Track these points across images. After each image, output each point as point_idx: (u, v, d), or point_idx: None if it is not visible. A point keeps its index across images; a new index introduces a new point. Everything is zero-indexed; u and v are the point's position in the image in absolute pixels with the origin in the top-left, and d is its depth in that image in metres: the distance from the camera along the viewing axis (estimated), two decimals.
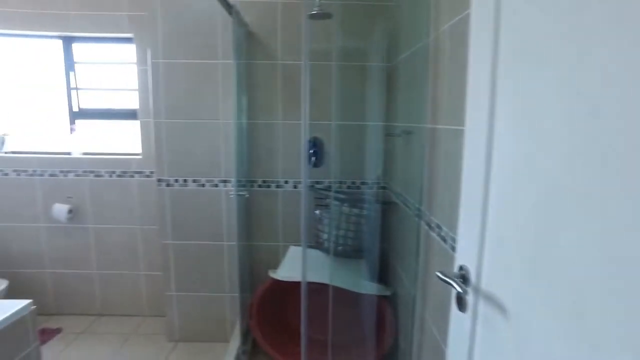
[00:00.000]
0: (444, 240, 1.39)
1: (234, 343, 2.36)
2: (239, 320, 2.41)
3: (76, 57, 2.81)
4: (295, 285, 2.06)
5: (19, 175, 2.82)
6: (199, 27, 2.30)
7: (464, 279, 0.89)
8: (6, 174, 2.82)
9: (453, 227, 1.31)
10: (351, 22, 2.28)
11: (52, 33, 2.71)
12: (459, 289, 0.81)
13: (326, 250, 2.18)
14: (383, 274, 2.30)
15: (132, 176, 2.77)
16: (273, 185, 2.44)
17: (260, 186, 2.44)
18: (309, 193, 2.15)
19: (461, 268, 0.91)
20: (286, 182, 2.43)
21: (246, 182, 2.37)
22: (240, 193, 2.04)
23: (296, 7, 2.28)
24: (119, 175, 2.77)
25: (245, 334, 2.36)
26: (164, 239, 2.50)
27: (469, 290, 0.84)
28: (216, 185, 2.43)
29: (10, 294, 2.84)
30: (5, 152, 2.86)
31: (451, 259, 1.32)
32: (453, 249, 1.30)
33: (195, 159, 2.41)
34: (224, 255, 2.51)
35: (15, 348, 1.91)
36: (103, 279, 2.93)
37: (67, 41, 2.77)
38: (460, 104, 1.25)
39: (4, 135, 2.88)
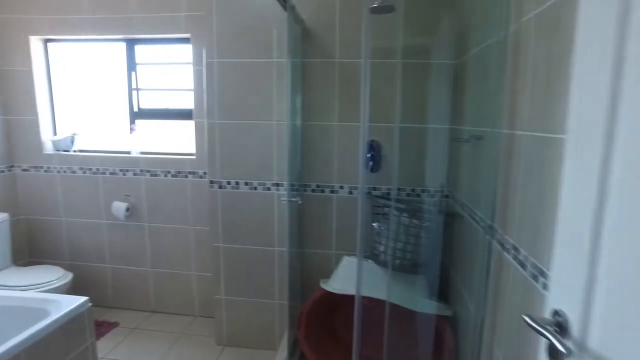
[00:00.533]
0: (522, 265, 1.19)
1: (282, 353, 2.27)
2: (287, 329, 2.32)
3: (137, 58, 2.87)
4: (348, 298, 1.92)
5: (84, 172, 2.93)
6: (253, 26, 2.23)
7: (560, 328, 0.70)
8: (74, 172, 2.94)
9: (535, 252, 1.11)
10: (416, 15, 2.10)
11: (117, 36, 2.78)
12: (561, 348, 0.63)
13: (382, 263, 2.02)
14: (443, 292, 2.09)
15: (186, 176, 2.77)
16: (327, 190, 2.32)
17: (313, 191, 2.33)
18: (366, 200, 2.01)
19: (557, 313, 0.72)
20: (341, 187, 2.30)
21: (299, 186, 2.27)
22: (293, 200, 1.94)
23: (356, 1, 2.14)
24: (173, 175, 2.79)
25: (293, 345, 2.25)
26: (215, 242, 2.46)
27: (571, 346, 0.65)
28: (268, 189, 2.35)
29: (74, 286, 2.96)
30: (74, 151, 2.98)
31: (530, 289, 1.12)
32: (534, 277, 1.10)
33: (247, 161, 2.34)
34: (275, 261, 2.43)
35: (72, 343, 1.94)
36: (157, 277, 2.97)
37: (130, 43, 2.84)
38: (552, 107, 1.04)
39: (74, 134, 3.01)
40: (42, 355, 1.75)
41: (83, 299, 2.00)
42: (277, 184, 2.33)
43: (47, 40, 2.95)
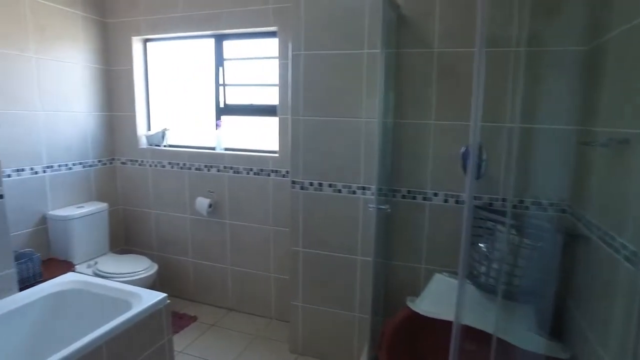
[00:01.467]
0: None
1: None
2: (367, 347, 2.12)
3: (225, 54, 2.86)
4: (438, 322, 1.67)
5: (172, 167, 3.00)
6: (343, 14, 2.06)
7: None
8: (164, 166, 3.03)
9: None
10: None
11: (207, 32, 2.79)
12: None
13: (483, 287, 1.73)
14: (557, 328, 1.74)
15: (268, 175, 2.70)
16: (419, 197, 2.07)
17: (404, 197, 2.10)
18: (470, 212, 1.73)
19: None
20: (435, 194, 2.04)
21: (388, 190, 2.05)
22: (381, 207, 1.73)
23: None
24: (256, 173, 2.73)
25: None
26: (295, 245, 2.34)
27: None
28: (354, 192, 2.17)
29: (159, 276, 3.05)
30: (164, 146, 3.07)
31: None
32: None
33: (332, 161, 2.18)
34: (357, 270, 2.24)
35: (151, 338, 1.93)
36: (236, 275, 2.95)
37: (219, 39, 2.84)
38: None
39: (165, 130, 3.10)
40: (121, 348, 1.74)
41: (162, 295, 1.98)
42: (364, 188, 2.14)
43: (146, 40, 3.07)
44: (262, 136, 2.85)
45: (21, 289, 2.08)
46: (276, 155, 2.67)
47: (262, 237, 2.79)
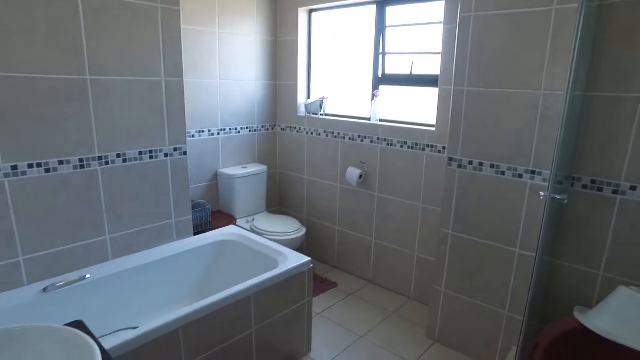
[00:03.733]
0: None
1: None
2: (517, 352, 1.86)
3: (387, 21, 2.74)
4: (613, 346, 1.35)
5: (327, 136, 3.07)
6: None
7: None
8: (319, 134, 3.12)
9: None
10: None
11: None
12: None
13: None
14: None
15: (423, 149, 2.54)
16: (608, 189, 1.68)
17: (585, 187, 1.73)
18: None
19: None
20: (633, 187, 1.62)
21: (565, 178, 1.72)
22: (557, 197, 1.44)
23: None
24: (410, 147, 2.60)
25: None
26: (444, 227, 2.17)
27: None
28: (520, 176, 1.88)
29: (306, 240, 3.23)
30: (321, 114, 3.16)
31: None
32: None
33: (497, 139, 1.92)
34: (514, 265, 1.97)
35: (293, 297, 2.04)
36: (379, 249, 2.92)
37: (381, 5, 2.73)
38: None
39: (323, 98, 3.18)
40: (266, 302, 1.88)
41: (307, 258, 2.06)
42: (533, 172, 1.83)
43: (311, 11, 3.15)
44: (419, 109, 2.69)
45: (195, 234, 2.41)
46: (433, 129, 2.49)
47: (410, 214, 2.68)
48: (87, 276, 1.86)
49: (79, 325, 1.04)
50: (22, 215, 1.71)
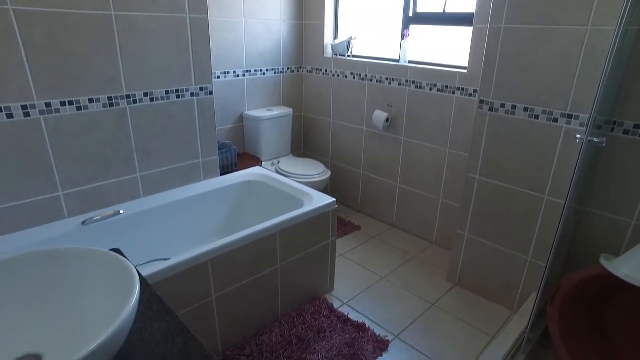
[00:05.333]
0: None
1: (520, 319, 1.89)
2: (537, 296, 1.88)
3: None
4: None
5: (354, 78, 2.99)
6: None
7: None
8: (346, 76, 3.04)
9: None
10: None
11: None
12: None
13: None
14: None
15: (453, 92, 2.45)
16: None
17: (627, 132, 1.65)
18: None
19: None
20: None
21: (604, 122, 1.63)
22: (595, 140, 1.38)
23: None
24: (439, 90, 2.51)
25: (538, 317, 1.83)
26: (471, 172, 2.14)
27: None
28: (555, 120, 1.80)
29: (331, 183, 3.25)
30: (348, 56, 3.06)
31: None
32: None
33: (533, 80, 1.82)
34: (541, 211, 1.94)
35: (317, 237, 2.10)
36: (403, 194, 2.92)
37: None
38: None
39: (350, 39, 3.05)
40: (291, 240, 1.93)
41: (332, 199, 2.09)
42: (570, 116, 1.75)
43: None
44: (451, 50, 2.56)
45: (221, 174, 2.45)
46: (464, 71, 2.38)
47: (437, 158, 2.64)
48: (121, 211, 1.95)
49: (117, 252, 1.10)
50: (58, 152, 1.77)
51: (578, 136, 1.45)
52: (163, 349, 0.81)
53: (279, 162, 3.05)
